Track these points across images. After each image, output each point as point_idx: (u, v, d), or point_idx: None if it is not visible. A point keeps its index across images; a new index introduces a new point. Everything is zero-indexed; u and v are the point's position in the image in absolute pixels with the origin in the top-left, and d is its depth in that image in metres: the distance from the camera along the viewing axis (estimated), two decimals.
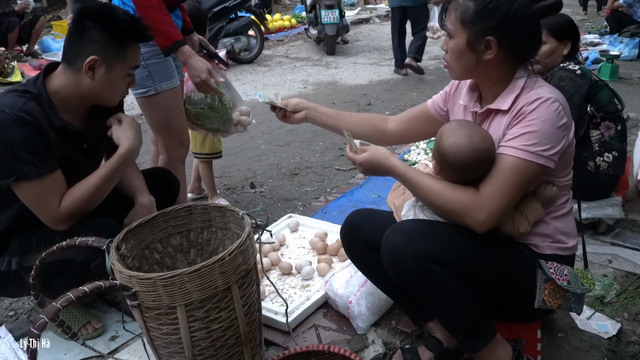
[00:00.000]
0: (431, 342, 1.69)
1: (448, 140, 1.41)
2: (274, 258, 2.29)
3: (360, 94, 5.67)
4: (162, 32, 2.10)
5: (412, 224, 1.48)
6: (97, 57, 1.68)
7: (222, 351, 1.47)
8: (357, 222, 1.74)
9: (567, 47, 2.48)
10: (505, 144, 1.39)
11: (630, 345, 1.85)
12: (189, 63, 2.18)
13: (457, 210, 1.39)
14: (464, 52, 1.42)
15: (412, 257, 1.38)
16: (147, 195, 1.94)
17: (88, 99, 1.78)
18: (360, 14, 11.18)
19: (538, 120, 1.35)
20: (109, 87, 1.75)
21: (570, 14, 2.91)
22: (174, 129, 2.35)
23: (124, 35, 1.71)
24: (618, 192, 2.61)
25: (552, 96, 1.37)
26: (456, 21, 1.41)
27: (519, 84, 1.43)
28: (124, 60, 1.73)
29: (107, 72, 1.71)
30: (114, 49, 1.70)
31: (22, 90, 1.69)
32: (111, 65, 1.71)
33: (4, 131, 1.58)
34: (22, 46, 7.16)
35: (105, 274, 1.60)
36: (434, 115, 1.73)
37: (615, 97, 2.50)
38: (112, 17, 1.69)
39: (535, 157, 1.35)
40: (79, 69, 1.69)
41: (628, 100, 4.10)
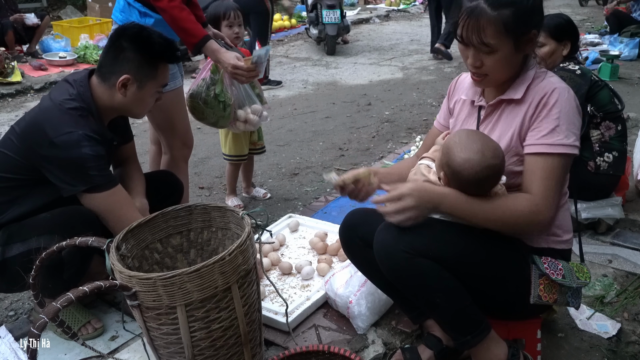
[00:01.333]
0: (430, 340, 1.69)
1: (460, 156, 1.38)
2: (274, 258, 2.29)
3: (360, 94, 5.67)
4: (188, 30, 2.15)
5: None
6: (130, 76, 1.78)
7: (222, 351, 1.47)
8: (355, 220, 1.75)
9: (566, 47, 2.48)
10: (543, 142, 1.41)
11: (630, 345, 1.85)
12: (218, 57, 2.23)
13: (524, 220, 1.40)
14: (512, 57, 1.43)
15: (401, 251, 1.39)
16: (141, 198, 1.96)
17: (118, 111, 1.90)
18: (360, 14, 11.17)
19: (563, 112, 1.40)
20: (138, 103, 1.87)
21: (570, 14, 2.91)
22: (177, 129, 2.36)
23: (157, 57, 1.83)
24: (618, 192, 2.61)
25: (565, 85, 1.44)
26: (498, 33, 1.38)
27: (530, 74, 1.47)
28: (155, 79, 1.85)
29: (138, 90, 1.82)
30: (147, 70, 1.82)
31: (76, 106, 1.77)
32: (142, 84, 1.82)
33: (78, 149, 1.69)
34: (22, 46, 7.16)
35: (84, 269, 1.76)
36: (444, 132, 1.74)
37: (615, 97, 2.50)
38: (149, 41, 1.80)
39: (570, 149, 1.41)
40: (113, 85, 1.80)
41: (628, 100, 4.10)
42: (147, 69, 1.81)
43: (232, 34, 2.81)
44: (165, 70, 1.88)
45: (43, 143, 1.70)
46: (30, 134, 1.74)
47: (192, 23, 2.15)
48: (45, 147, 1.69)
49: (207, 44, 2.19)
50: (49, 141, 1.68)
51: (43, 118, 1.74)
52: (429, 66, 6.82)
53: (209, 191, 3.47)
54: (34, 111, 1.81)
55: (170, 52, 1.86)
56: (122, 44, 1.80)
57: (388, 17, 11.21)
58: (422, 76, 6.37)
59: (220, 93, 2.46)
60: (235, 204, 3.07)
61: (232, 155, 2.98)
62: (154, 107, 2.29)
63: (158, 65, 1.84)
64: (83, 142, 1.69)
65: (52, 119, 1.73)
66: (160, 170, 2.47)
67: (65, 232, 1.61)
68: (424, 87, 5.87)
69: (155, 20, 2.17)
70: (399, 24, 10.55)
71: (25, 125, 1.78)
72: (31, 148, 1.73)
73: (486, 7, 1.37)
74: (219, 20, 2.82)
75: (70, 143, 1.68)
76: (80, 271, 1.80)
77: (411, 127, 4.50)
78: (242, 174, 3.22)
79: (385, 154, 3.87)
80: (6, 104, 5.63)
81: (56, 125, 1.70)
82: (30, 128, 1.75)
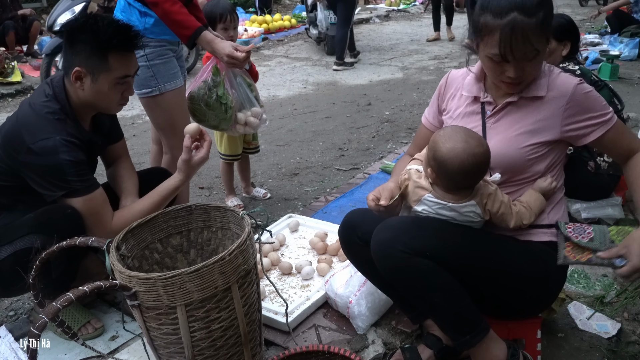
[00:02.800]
0: (430, 339, 1.69)
1: (445, 146, 1.41)
2: (274, 258, 2.29)
3: (360, 94, 5.67)
4: (180, 22, 2.12)
5: (400, 219, 1.49)
6: (80, 69, 1.72)
7: (222, 351, 1.47)
8: (354, 220, 1.75)
9: (566, 47, 2.48)
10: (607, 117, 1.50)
11: (630, 345, 1.85)
12: (214, 47, 2.20)
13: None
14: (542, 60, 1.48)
15: (399, 251, 1.39)
16: (132, 198, 1.96)
17: (89, 108, 1.84)
18: (360, 14, 11.17)
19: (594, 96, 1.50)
20: (99, 96, 1.79)
21: (570, 14, 2.91)
22: (177, 129, 2.35)
23: (104, 46, 1.71)
24: (618, 192, 2.61)
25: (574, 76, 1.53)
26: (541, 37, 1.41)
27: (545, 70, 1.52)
28: (108, 70, 1.74)
29: (92, 82, 1.75)
30: (96, 60, 1.72)
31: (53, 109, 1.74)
32: (96, 76, 1.74)
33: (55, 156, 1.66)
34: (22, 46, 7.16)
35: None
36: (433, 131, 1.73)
37: (615, 97, 2.50)
38: (93, 29, 1.70)
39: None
40: (71, 81, 1.75)
41: (628, 100, 4.10)
42: (96, 59, 1.72)
43: (227, 37, 2.80)
44: (121, 59, 1.75)
45: (20, 149, 1.68)
46: (9, 140, 1.72)
47: (184, 15, 2.12)
48: (22, 154, 1.68)
49: (202, 35, 2.16)
50: (27, 147, 1.67)
51: (21, 124, 1.72)
52: (429, 66, 6.82)
53: (209, 191, 3.47)
54: (14, 116, 1.79)
55: (120, 38, 1.72)
56: (73, 35, 1.73)
57: (388, 17, 11.22)
58: (422, 76, 6.37)
59: (222, 95, 2.46)
60: (235, 204, 3.07)
61: (226, 154, 3.00)
62: (154, 107, 2.29)
63: (107, 54, 1.72)
64: (61, 148, 1.67)
65: (29, 124, 1.71)
66: (155, 167, 2.47)
67: (48, 230, 1.61)
68: (424, 87, 5.86)
69: (155, 20, 2.17)
70: (399, 24, 10.56)
71: (5, 132, 1.76)
72: (11, 155, 1.72)
73: (524, 17, 1.36)
74: (215, 22, 2.80)
75: (47, 149, 1.66)
76: (68, 271, 1.79)
77: (411, 127, 4.50)
78: (240, 174, 3.23)
79: (385, 154, 3.87)
80: (6, 104, 5.63)
81: (33, 131, 1.69)
82: (9, 134, 1.74)
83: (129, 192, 1.97)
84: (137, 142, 4.43)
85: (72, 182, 1.70)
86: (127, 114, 5.32)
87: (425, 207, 1.49)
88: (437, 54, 7.40)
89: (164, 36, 2.22)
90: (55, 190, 1.71)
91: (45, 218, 1.70)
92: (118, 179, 2.02)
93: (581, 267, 2.28)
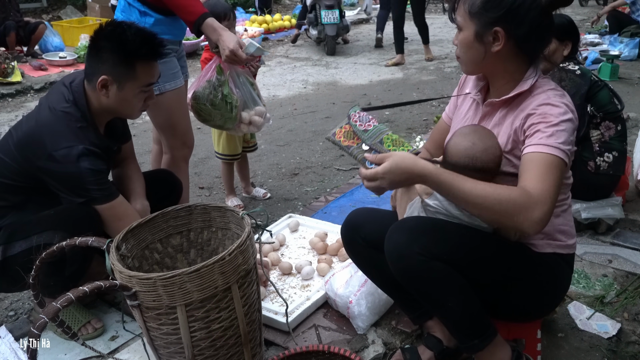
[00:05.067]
0: (431, 341, 1.69)
1: (454, 139, 1.45)
2: (274, 258, 2.29)
3: (360, 94, 5.67)
4: (184, 7, 2.10)
5: (416, 221, 1.48)
6: (107, 77, 1.73)
7: (222, 351, 1.47)
8: (357, 220, 1.74)
9: (567, 47, 2.47)
10: (540, 143, 1.35)
11: (630, 345, 1.85)
12: (220, 36, 2.15)
13: (511, 210, 1.27)
14: (472, 44, 1.43)
15: (417, 254, 1.37)
16: (142, 200, 1.96)
17: (110, 113, 1.86)
18: (360, 14, 11.16)
19: (562, 119, 1.36)
20: (124, 104, 1.81)
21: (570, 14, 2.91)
22: (177, 129, 2.35)
23: (133, 55, 1.73)
24: (618, 192, 2.61)
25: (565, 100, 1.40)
26: (465, 13, 1.43)
27: (528, 83, 1.44)
28: (135, 79, 1.76)
29: (118, 90, 1.77)
30: (123, 69, 1.74)
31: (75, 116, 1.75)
32: (122, 85, 1.76)
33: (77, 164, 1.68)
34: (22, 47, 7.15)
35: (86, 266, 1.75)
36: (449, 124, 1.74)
37: (615, 97, 2.50)
38: (121, 38, 1.71)
39: (565, 156, 1.35)
40: (95, 87, 1.76)
41: (628, 100, 4.10)
42: (123, 68, 1.74)
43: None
44: (147, 68, 1.79)
45: (41, 155, 1.69)
46: (29, 144, 1.73)
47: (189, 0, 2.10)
48: (43, 159, 1.69)
49: (207, 21, 2.12)
50: (48, 154, 1.68)
51: (42, 129, 1.73)
52: (429, 66, 6.82)
53: (209, 191, 3.47)
54: (33, 119, 1.78)
55: (147, 48, 1.75)
56: (99, 43, 1.74)
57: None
58: (422, 76, 6.37)
59: (228, 94, 2.45)
60: (236, 204, 3.07)
61: (225, 154, 2.99)
62: (154, 107, 2.29)
63: (135, 63, 1.75)
64: (82, 157, 1.68)
65: (52, 130, 1.71)
66: (159, 169, 2.46)
67: (68, 229, 1.62)
68: (424, 87, 5.86)
69: (155, 20, 2.17)
70: None
71: (23, 134, 1.76)
72: (29, 158, 1.72)
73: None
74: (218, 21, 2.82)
75: (69, 158, 1.68)
76: (81, 269, 1.80)
77: (411, 127, 4.50)
78: (239, 173, 3.23)
79: None
80: (6, 104, 5.63)
81: (56, 139, 1.69)
82: (28, 138, 1.74)
83: (137, 194, 1.98)
84: (137, 142, 4.40)
85: (92, 191, 1.72)
86: None
87: (436, 201, 1.47)
88: (437, 54, 7.39)
89: (164, 36, 2.21)
90: (74, 197, 1.73)
91: (66, 215, 1.71)
92: (126, 180, 2.02)
93: (580, 267, 2.28)
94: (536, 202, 1.27)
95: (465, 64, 1.50)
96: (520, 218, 1.27)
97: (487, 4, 1.38)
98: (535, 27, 1.40)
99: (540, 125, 1.37)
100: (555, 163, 1.33)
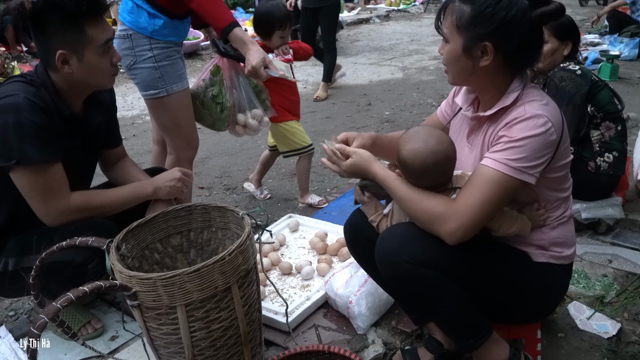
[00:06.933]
0: (431, 343, 1.69)
1: (405, 147, 1.41)
2: (274, 258, 2.29)
3: (360, 94, 5.67)
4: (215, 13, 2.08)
5: (406, 227, 1.47)
6: (63, 51, 1.63)
7: (222, 351, 1.47)
8: (361, 219, 1.72)
9: (567, 47, 2.48)
10: (489, 156, 1.35)
11: (630, 345, 1.85)
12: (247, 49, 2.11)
13: (428, 217, 1.36)
14: (459, 57, 1.40)
15: (405, 261, 1.38)
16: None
17: (82, 88, 1.76)
18: (360, 14, 11.18)
19: (524, 136, 1.31)
20: (91, 73, 1.70)
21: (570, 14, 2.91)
22: (182, 130, 2.35)
23: (77, 17, 1.61)
24: (618, 192, 2.61)
25: (541, 112, 1.33)
26: (452, 26, 1.39)
27: (511, 97, 1.40)
28: (90, 42, 1.65)
29: (79, 60, 1.66)
30: (74, 35, 1.62)
31: (28, 79, 1.67)
32: (80, 53, 1.64)
33: (16, 114, 1.56)
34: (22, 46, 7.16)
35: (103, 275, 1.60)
36: (443, 122, 1.74)
37: (615, 97, 2.50)
38: (54, 3, 1.57)
39: (516, 173, 1.31)
40: (56, 67, 1.66)
41: (628, 100, 4.10)
42: (73, 34, 1.61)
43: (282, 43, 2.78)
44: (96, 25, 1.64)
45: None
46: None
47: (220, 6, 2.08)
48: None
49: (234, 30, 2.10)
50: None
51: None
52: (429, 66, 6.82)
53: (209, 191, 3.47)
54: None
55: (87, 3, 1.59)
56: (37, 20, 1.61)
57: (388, 17, 11.23)
58: (422, 76, 6.37)
59: (217, 94, 2.44)
60: (317, 200, 3.02)
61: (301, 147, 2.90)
62: (160, 108, 2.28)
63: (83, 25, 1.61)
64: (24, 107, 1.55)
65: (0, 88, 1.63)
66: (156, 167, 2.46)
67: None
68: (424, 87, 5.87)
69: (164, 22, 2.16)
70: (399, 24, 10.56)
71: None
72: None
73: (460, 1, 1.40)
74: (272, 29, 2.73)
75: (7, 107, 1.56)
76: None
77: (410, 126, 4.50)
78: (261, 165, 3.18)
79: None
80: None
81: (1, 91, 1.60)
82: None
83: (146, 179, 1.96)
84: (137, 142, 4.43)
85: (27, 147, 1.57)
86: (127, 114, 5.32)
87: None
88: (437, 54, 7.39)
89: (171, 38, 2.22)
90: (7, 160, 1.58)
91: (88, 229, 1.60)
92: (127, 175, 2.00)
93: (580, 267, 2.28)
94: (454, 215, 1.32)
95: (453, 76, 1.47)
96: (437, 227, 1.35)
97: (475, 19, 1.35)
98: (525, 42, 1.37)
99: (501, 139, 1.35)
100: (495, 179, 1.32)
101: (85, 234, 1.51)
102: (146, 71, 2.19)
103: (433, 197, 1.38)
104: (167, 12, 2.16)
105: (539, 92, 1.42)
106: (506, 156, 1.32)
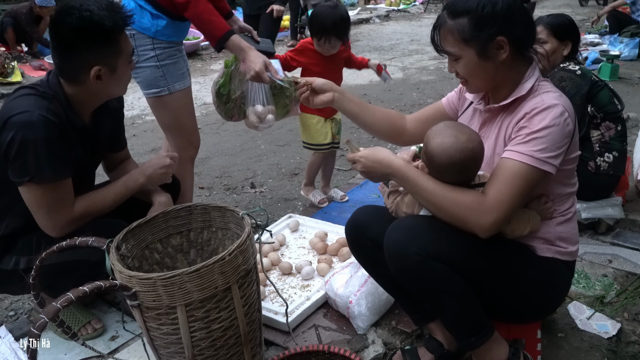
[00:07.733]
0: (432, 343, 1.69)
1: (434, 140, 1.41)
2: (274, 258, 2.29)
3: (360, 94, 5.67)
4: (210, 22, 2.08)
5: (415, 220, 1.48)
6: (99, 66, 1.65)
7: (222, 351, 1.47)
8: (364, 219, 1.72)
9: (567, 47, 2.48)
10: (512, 149, 1.37)
11: (630, 345, 1.85)
12: (246, 56, 2.11)
13: (462, 214, 1.36)
14: (478, 64, 1.42)
15: (414, 253, 1.38)
16: (164, 192, 1.95)
17: (99, 99, 1.79)
18: (360, 14, 11.18)
19: (544, 126, 1.34)
20: (119, 83, 1.76)
21: (570, 14, 2.91)
22: (184, 129, 2.36)
23: (112, 30, 1.64)
24: (618, 192, 2.61)
25: (559, 102, 1.37)
26: (458, 42, 1.41)
27: (526, 86, 1.43)
28: (122, 53, 1.70)
29: (111, 73, 1.70)
30: (110, 49, 1.66)
31: (40, 91, 1.67)
32: (114, 65, 1.69)
33: (31, 130, 1.57)
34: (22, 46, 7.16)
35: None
36: (448, 112, 1.74)
37: (615, 98, 2.50)
38: (94, 21, 1.60)
39: (541, 164, 1.34)
40: (84, 82, 1.68)
41: (628, 100, 4.10)
42: (109, 48, 1.65)
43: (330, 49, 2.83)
44: (124, 36, 1.70)
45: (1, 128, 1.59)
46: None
47: (214, 16, 2.08)
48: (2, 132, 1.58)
49: (231, 39, 2.10)
50: (4, 122, 1.57)
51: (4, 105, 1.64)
52: (429, 66, 6.82)
53: (209, 191, 3.47)
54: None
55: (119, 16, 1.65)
56: (69, 37, 1.62)
57: (388, 17, 11.22)
58: (422, 76, 6.37)
59: (223, 85, 2.43)
60: (319, 198, 2.98)
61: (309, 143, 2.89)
62: (162, 107, 2.29)
63: (117, 38, 1.66)
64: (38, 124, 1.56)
65: (11, 101, 1.63)
66: None
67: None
68: (424, 87, 5.87)
69: (167, 22, 2.17)
70: (399, 24, 10.56)
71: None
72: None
73: (446, 17, 1.42)
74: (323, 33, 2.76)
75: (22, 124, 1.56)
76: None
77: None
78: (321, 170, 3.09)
79: None
80: None
81: (13, 106, 1.60)
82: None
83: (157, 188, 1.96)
84: (137, 142, 4.43)
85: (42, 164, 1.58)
86: (127, 114, 5.29)
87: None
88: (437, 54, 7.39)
89: (173, 38, 2.23)
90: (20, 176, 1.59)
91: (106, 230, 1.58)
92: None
93: (580, 267, 2.28)
94: (488, 209, 1.34)
95: (477, 85, 1.49)
96: (471, 223, 1.36)
97: (479, 24, 1.37)
98: (526, 20, 1.42)
99: (522, 131, 1.37)
100: (522, 172, 1.34)
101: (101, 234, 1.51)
102: (148, 70, 2.20)
103: (463, 192, 1.38)
104: (169, 13, 2.17)
105: (552, 85, 1.46)
106: (530, 147, 1.34)
